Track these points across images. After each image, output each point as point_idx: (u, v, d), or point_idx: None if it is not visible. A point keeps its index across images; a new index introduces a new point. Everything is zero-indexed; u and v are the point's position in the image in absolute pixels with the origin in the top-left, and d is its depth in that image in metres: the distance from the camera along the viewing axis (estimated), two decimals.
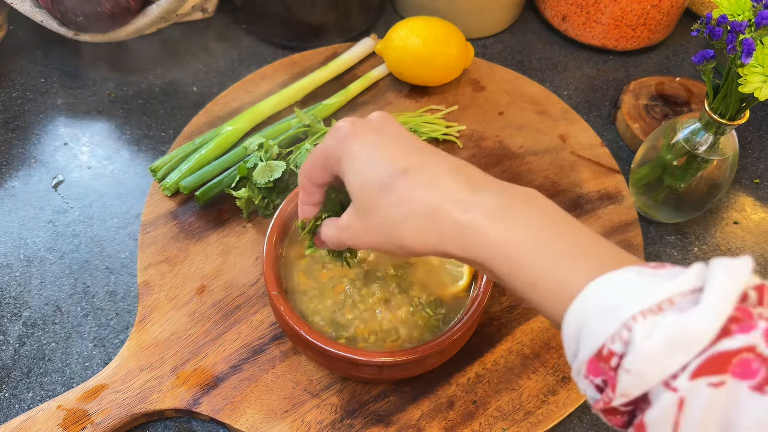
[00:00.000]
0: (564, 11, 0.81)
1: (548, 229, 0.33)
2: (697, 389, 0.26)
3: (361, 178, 0.37)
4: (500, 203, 0.34)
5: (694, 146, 0.58)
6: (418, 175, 0.35)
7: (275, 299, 0.48)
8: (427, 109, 0.72)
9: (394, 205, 0.35)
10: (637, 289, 0.29)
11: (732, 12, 0.49)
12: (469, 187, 0.35)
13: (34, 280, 0.59)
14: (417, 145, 0.38)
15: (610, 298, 0.29)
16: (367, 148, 0.37)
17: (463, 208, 0.34)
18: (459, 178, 0.35)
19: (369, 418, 0.51)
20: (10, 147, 0.69)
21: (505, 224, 0.33)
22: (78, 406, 0.50)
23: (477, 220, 0.33)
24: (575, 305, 0.30)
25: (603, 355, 0.28)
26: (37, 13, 0.70)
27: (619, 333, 0.28)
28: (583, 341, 0.30)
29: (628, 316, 0.28)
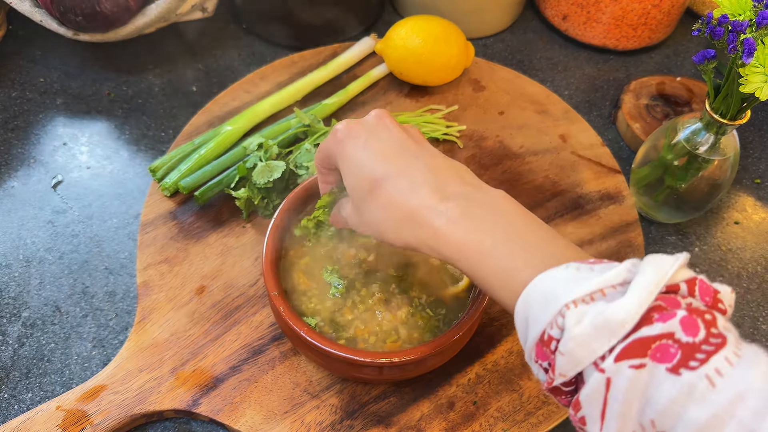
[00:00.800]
0: (564, 11, 0.81)
1: (502, 231, 0.37)
2: (621, 370, 0.29)
3: (352, 180, 0.41)
4: (464, 210, 0.38)
5: (695, 146, 0.58)
6: (397, 181, 0.40)
7: (275, 300, 0.48)
8: (428, 109, 0.72)
9: (378, 208, 0.40)
10: (573, 281, 0.32)
11: (733, 12, 0.49)
12: (441, 195, 0.39)
13: (34, 280, 0.59)
14: (405, 147, 0.41)
15: (550, 289, 0.33)
16: (358, 151, 0.41)
17: (434, 214, 0.39)
18: (435, 184, 0.39)
19: (369, 419, 0.51)
20: (9, 147, 0.69)
21: (466, 229, 0.38)
22: (77, 407, 0.50)
23: (443, 226, 0.38)
24: (523, 297, 0.34)
25: (544, 340, 0.32)
26: (36, 13, 0.70)
27: (555, 320, 0.32)
28: (530, 328, 0.34)
29: (563, 305, 0.31)
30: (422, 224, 0.39)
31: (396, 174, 0.40)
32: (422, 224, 0.39)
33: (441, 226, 0.38)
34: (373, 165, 0.40)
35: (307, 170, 0.61)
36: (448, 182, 0.40)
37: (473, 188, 0.40)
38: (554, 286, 0.33)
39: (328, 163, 0.45)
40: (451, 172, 0.41)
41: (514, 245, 0.37)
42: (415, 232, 0.39)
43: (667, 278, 0.31)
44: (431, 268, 0.53)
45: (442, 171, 0.41)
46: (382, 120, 0.43)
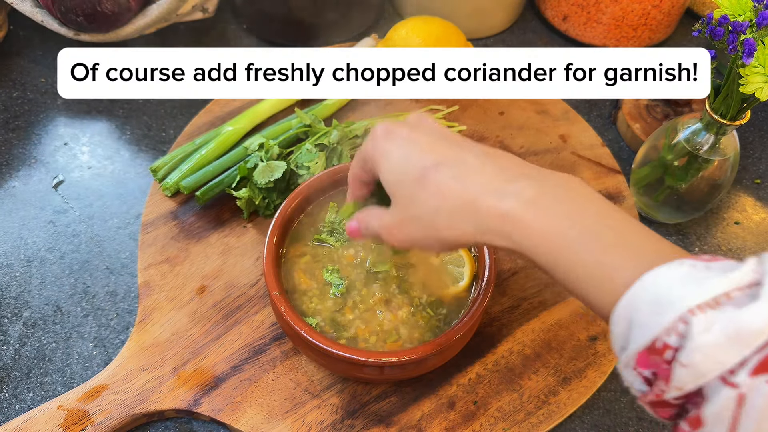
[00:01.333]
0: (565, 11, 0.81)
1: (591, 218, 0.33)
2: (757, 386, 0.26)
3: (396, 176, 0.38)
4: (539, 191, 0.34)
5: (695, 146, 0.58)
6: (452, 167, 0.36)
7: (276, 299, 0.48)
8: (428, 109, 0.72)
9: (430, 198, 0.36)
10: (693, 282, 0.28)
11: (733, 12, 0.49)
12: (506, 177, 0.35)
13: (35, 280, 0.59)
14: (451, 139, 0.38)
15: (664, 291, 0.29)
16: (400, 146, 0.38)
17: (500, 197, 0.34)
18: (494, 168, 0.35)
19: (370, 418, 0.51)
20: (10, 147, 0.69)
21: (546, 213, 0.33)
22: (78, 407, 0.50)
23: (515, 209, 0.33)
24: (626, 299, 0.30)
25: (656, 348, 0.28)
26: (37, 13, 0.70)
27: (675, 326, 0.28)
28: (634, 334, 0.30)
29: (685, 310, 0.27)
30: (485, 208, 0.34)
31: (447, 161, 0.36)
32: (485, 208, 0.34)
33: (511, 210, 0.33)
34: (419, 155, 0.37)
35: (308, 170, 0.61)
36: (509, 166, 0.36)
37: (540, 171, 0.36)
38: (669, 288, 0.29)
39: (365, 171, 0.41)
40: (508, 158, 0.37)
41: (608, 236, 0.32)
42: (477, 218, 0.34)
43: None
44: (432, 268, 0.53)
45: (499, 157, 0.37)
46: (422, 118, 0.40)
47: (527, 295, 0.58)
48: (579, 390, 0.53)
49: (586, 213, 0.33)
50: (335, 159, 0.64)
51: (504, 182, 0.34)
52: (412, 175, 0.36)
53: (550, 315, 0.57)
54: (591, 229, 0.32)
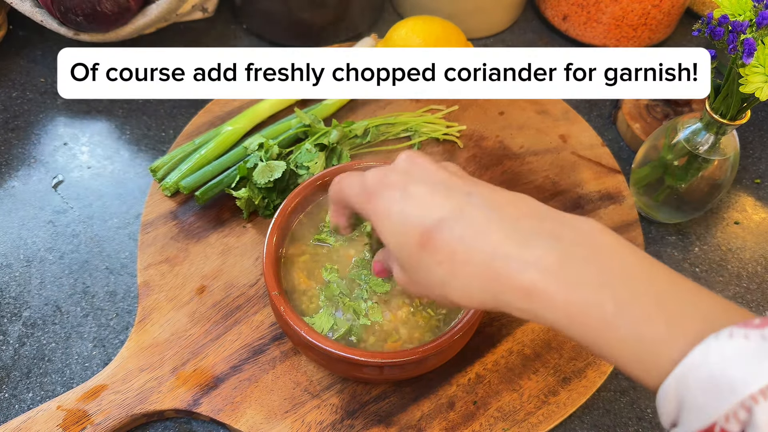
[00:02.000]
0: (565, 11, 0.81)
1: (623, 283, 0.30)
2: None
3: (397, 238, 0.34)
4: (561, 255, 0.31)
5: (695, 146, 0.58)
6: (456, 227, 0.32)
7: (275, 299, 0.48)
8: (428, 109, 0.72)
9: (437, 265, 0.33)
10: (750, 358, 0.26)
11: (733, 12, 0.49)
12: (518, 238, 0.31)
13: (34, 280, 0.59)
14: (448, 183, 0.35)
15: (718, 370, 0.26)
16: (396, 203, 0.34)
17: (518, 267, 0.31)
18: (505, 226, 0.32)
19: (369, 418, 0.51)
20: (9, 147, 0.69)
21: (571, 284, 0.30)
22: (78, 407, 0.50)
23: (538, 282, 0.30)
24: (674, 377, 0.27)
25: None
26: (37, 13, 0.70)
27: (736, 412, 0.26)
28: (686, 415, 0.27)
29: (747, 396, 0.25)
30: (504, 280, 0.31)
31: (451, 217, 0.32)
32: (504, 280, 0.31)
33: (533, 284, 0.30)
34: (419, 213, 0.33)
35: (308, 170, 0.61)
36: (520, 218, 0.33)
37: (555, 222, 0.32)
38: (725, 368, 0.26)
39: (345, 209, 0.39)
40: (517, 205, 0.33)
41: (647, 304, 0.29)
42: (495, 291, 0.31)
43: None
44: None
45: (506, 205, 0.33)
46: (414, 161, 0.36)
47: None
48: (579, 390, 0.53)
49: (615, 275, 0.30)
50: (335, 159, 0.64)
51: (518, 246, 0.31)
52: (414, 238, 0.33)
53: None
54: (629, 298, 0.29)
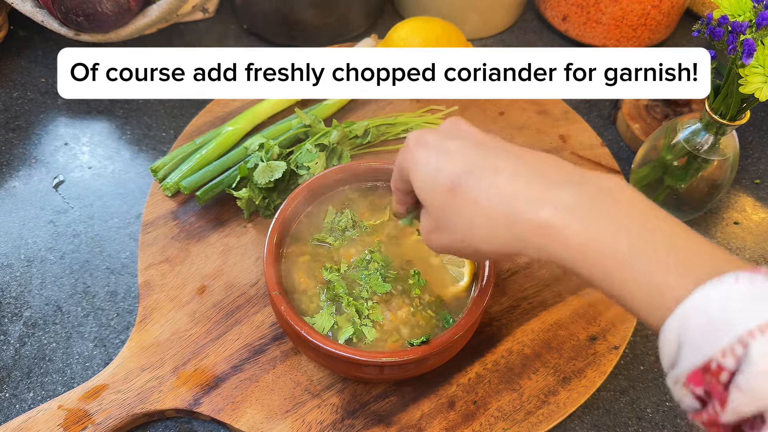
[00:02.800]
0: (564, 11, 0.81)
1: (638, 226, 0.31)
2: None
3: (428, 185, 0.36)
4: (579, 198, 0.32)
5: (695, 147, 0.58)
6: (485, 176, 0.34)
7: (276, 299, 0.48)
8: (428, 109, 0.72)
9: (463, 211, 0.34)
10: (752, 300, 0.27)
11: (733, 12, 0.49)
12: (542, 183, 0.33)
13: (35, 280, 0.59)
14: (485, 143, 0.37)
15: (719, 310, 0.27)
16: (431, 155, 0.36)
17: (536, 206, 0.32)
18: (530, 173, 0.33)
19: (370, 418, 0.51)
20: (10, 147, 0.69)
21: (590, 224, 0.31)
22: (79, 406, 0.50)
23: (553, 218, 0.31)
24: (677, 315, 0.28)
25: (711, 370, 0.27)
26: (37, 14, 0.70)
27: (732, 348, 0.26)
28: (686, 352, 0.28)
29: (744, 332, 0.26)
30: (522, 220, 0.32)
31: (479, 170, 0.34)
32: (522, 220, 0.32)
33: (550, 220, 0.31)
34: (450, 166, 0.35)
35: (308, 170, 0.61)
36: (547, 170, 0.34)
37: (579, 175, 0.33)
38: (725, 306, 0.27)
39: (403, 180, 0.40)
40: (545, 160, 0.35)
41: (659, 247, 0.30)
42: (512, 231, 0.33)
43: None
44: (432, 268, 0.53)
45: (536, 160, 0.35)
46: (456, 124, 0.39)
47: (527, 295, 0.58)
48: (578, 390, 0.53)
49: (632, 221, 0.31)
50: (335, 159, 0.64)
51: (541, 189, 0.32)
52: (444, 185, 0.35)
53: (549, 315, 0.57)
54: (641, 241, 0.30)
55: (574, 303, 0.58)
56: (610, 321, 0.56)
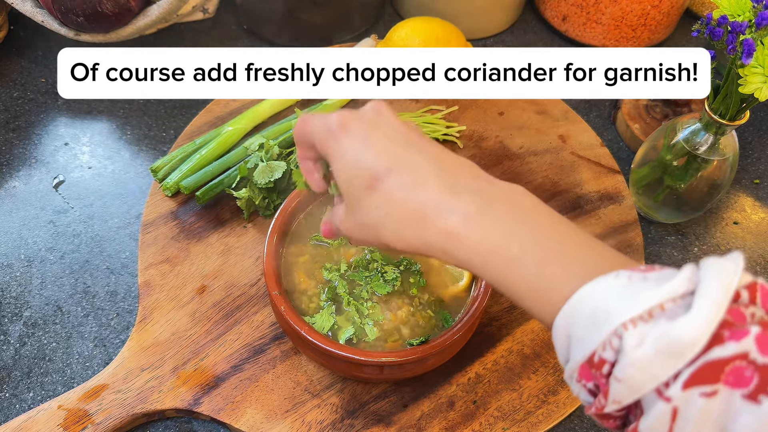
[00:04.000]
0: (564, 12, 0.81)
1: (533, 232, 0.32)
2: (689, 399, 0.26)
3: (348, 176, 0.36)
4: (480, 206, 0.33)
5: (695, 147, 0.58)
6: (400, 175, 0.35)
7: (276, 299, 0.48)
8: (428, 109, 0.72)
9: (377, 207, 0.35)
10: (627, 294, 0.28)
11: (732, 12, 0.49)
12: (450, 190, 0.34)
13: (35, 280, 0.59)
14: (409, 138, 0.37)
15: (600, 304, 0.29)
16: (355, 145, 0.36)
17: (443, 212, 0.33)
18: (441, 179, 0.34)
19: (369, 418, 0.51)
20: (10, 147, 0.69)
21: (486, 230, 0.33)
22: (79, 406, 0.50)
23: (457, 226, 0.33)
24: (564, 311, 0.30)
25: (594, 362, 0.28)
26: (37, 14, 0.70)
27: (610, 341, 0.28)
28: (573, 347, 0.30)
29: (618, 324, 0.27)
30: (430, 223, 0.34)
31: (399, 167, 0.35)
32: (430, 223, 0.34)
33: (455, 225, 0.33)
34: (373, 159, 0.35)
35: None
36: (458, 176, 0.35)
37: (487, 182, 0.35)
38: (605, 301, 0.28)
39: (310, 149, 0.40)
40: (459, 165, 0.36)
41: (548, 249, 0.32)
42: (421, 233, 0.34)
43: (733, 287, 0.27)
44: (431, 268, 0.53)
45: (450, 164, 0.36)
46: (381, 112, 0.38)
47: None
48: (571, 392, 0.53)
49: (528, 227, 0.33)
50: None
51: (448, 195, 0.34)
52: (363, 180, 0.35)
53: None
54: (532, 243, 0.32)
55: None
56: None
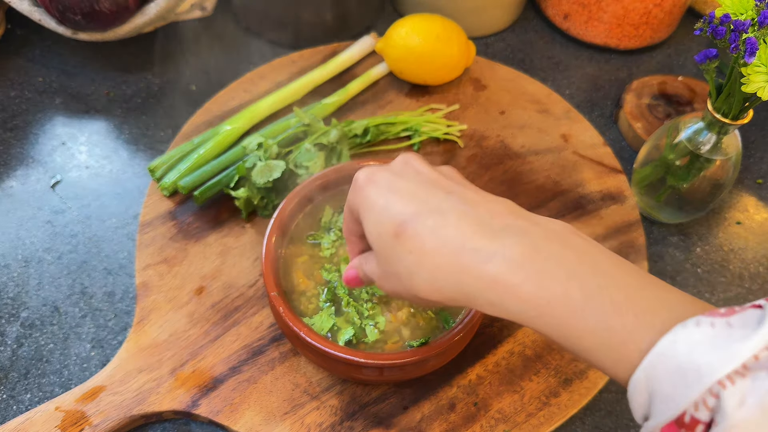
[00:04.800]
0: (566, 10, 0.80)
1: (591, 276, 0.30)
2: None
3: (377, 227, 0.35)
4: (527, 248, 0.30)
5: (697, 146, 0.57)
6: (429, 219, 0.32)
7: (274, 300, 0.48)
8: (428, 109, 0.71)
9: (407, 255, 0.33)
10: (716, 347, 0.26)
11: (735, 11, 0.49)
12: (489, 231, 0.31)
13: (32, 280, 0.59)
14: (438, 184, 0.35)
15: (685, 358, 0.26)
16: (382, 196, 0.35)
17: (484, 257, 0.30)
18: (476, 219, 0.32)
19: (369, 420, 0.51)
20: (7, 147, 0.68)
21: (537, 276, 0.30)
22: (76, 408, 0.49)
23: (501, 272, 0.30)
24: (643, 368, 0.27)
25: (685, 423, 0.26)
26: (35, 12, 0.70)
27: (704, 400, 0.26)
28: (657, 406, 0.27)
29: (714, 382, 0.25)
30: (469, 271, 0.31)
31: (426, 211, 0.33)
32: (469, 271, 0.31)
33: (498, 272, 0.30)
34: (399, 206, 0.34)
35: (307, 170, 0.61)
36: (494, 215, 0.33)
37: (529, 222, 0.32)
38: (691, 355, 0.26)
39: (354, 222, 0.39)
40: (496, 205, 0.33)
41: (615, 296, 0.29)
42: (459, 282, 0.31)
43: None
44: None
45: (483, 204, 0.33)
46: (409, 162, 0.37)
47: None
48: (580, 391, 0.52)
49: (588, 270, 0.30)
50: (334, 158, 0.63)
51: (488, 239, 0.31)
52: (390, 228, 0.33)
53: None
54: (596, 290, 0.29)
55: None
56: None
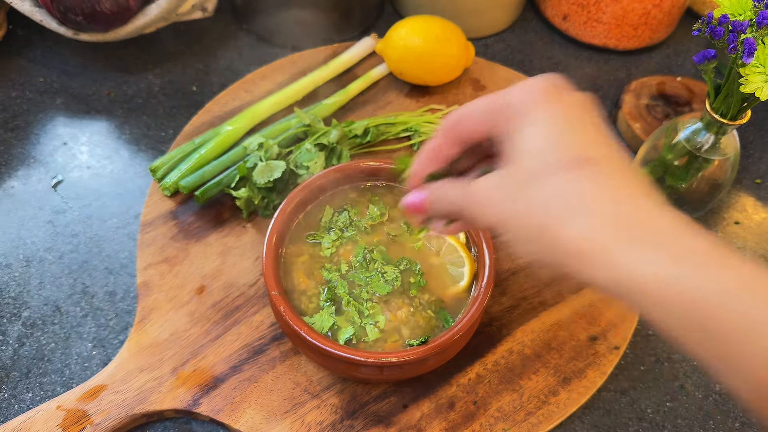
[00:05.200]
0: (565, 10, 0.80)
1: (734, 272, 0.26)
2: None
3: (540, 143, 0.30)
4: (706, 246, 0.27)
5: (696, 146, 0.57)
6: (611, 177, 0.29)
7: (275, 299, 0.48)
8: (428, 109, 0.72)
9: (567, 191, 0.29)
10: None
11: (733, 11, 0.49)
12: (638, 223, 0.28)
13: (34, 280, 0.59)
14: (615, 145, 0.31)
15: None
16: (561, 120, 0.30)
17: (633, 253, 0.27)
18: (645, 192, 0.29)
19: (369, 418, 0.51)
20: (9, 147, 0.69)
21: (713, 273, 0.26)
22: (77, 407, 0.50)
23: (652, 278, 0.27)
24: None
25: None
26: (36, 13, 0.70)
27: None
28: None
29: None
30: (639, 231, 0.28)
31: (606, 162, 0.29)
32: (639, 231, 0.28)
33: (650, 276, 0.27)
34: (577, 146, 0.30)
35: (308, 170, 0.61)
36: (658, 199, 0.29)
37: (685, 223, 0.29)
38: None
39: (477, 129, 0.33)
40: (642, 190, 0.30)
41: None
42: (610, 256, 0.28)
43: None
44: (432, 268, 0.53)
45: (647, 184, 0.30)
46: (588, 105, 0.32)
47: (527, 295, 0.58)
48: (579, 390, 0.53)
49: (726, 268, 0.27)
50: (335, 159, 0.63)
51: (637, 232, 0.28)
52: (561, 155, 0.29)
53: (549, 315, 0.57)
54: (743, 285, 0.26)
55: (574, 303, 0.57)
56: (611, 321, 0.56)
